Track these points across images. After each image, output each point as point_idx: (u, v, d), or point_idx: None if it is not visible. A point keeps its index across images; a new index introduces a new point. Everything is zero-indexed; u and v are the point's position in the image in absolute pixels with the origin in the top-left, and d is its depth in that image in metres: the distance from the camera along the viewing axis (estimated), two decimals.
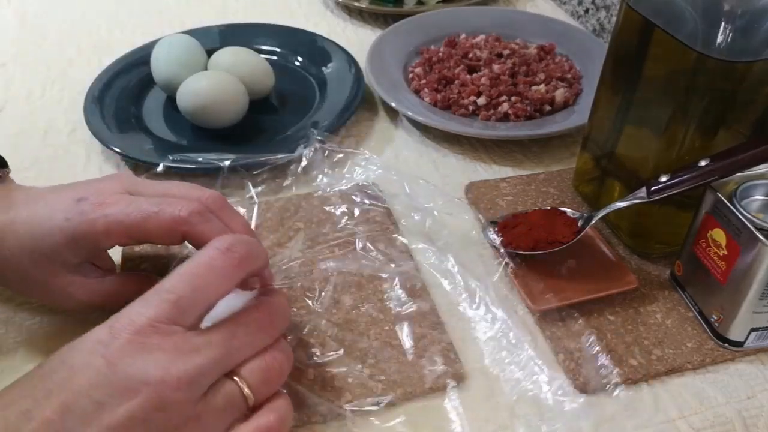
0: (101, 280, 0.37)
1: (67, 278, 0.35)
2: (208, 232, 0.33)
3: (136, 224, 0.33)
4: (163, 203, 0.34)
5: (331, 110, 0.57)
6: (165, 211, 0.33)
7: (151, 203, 0.34)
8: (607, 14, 0.72)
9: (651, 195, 0.39)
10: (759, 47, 0.35)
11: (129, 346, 0.27)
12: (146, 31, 0.73)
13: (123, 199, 0.34)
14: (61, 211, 0.34)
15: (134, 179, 0.37)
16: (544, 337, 0.40)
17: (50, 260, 0.35)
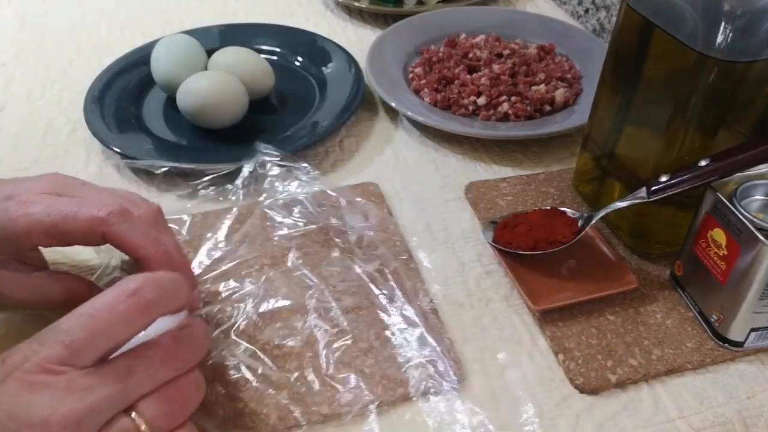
0: (28, 275, 0.36)
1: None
2: (127, 233, 0.32)
3: (54, 224, 0.32)
4: (83, 203, 0.32)
5: (331, 110, 0.57)
6: (83, 212, 0.32)
7: (72, 203, 0.33)
8: (607, 14, 0.72)
9: (651, 195, 0.39)
10: (759, 47, 0.35)
11: (16, 384, 0.26)
12: (146, 31, 0.73)
13: (47, 198, 0.33)
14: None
15: (67, 180, 0.35)
16: (544, 337, 0.40)
17: None
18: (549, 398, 0.37)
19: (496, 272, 0.44)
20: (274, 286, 0.41)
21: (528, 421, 0.36)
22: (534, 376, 0.38)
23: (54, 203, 0.33)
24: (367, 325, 0.40)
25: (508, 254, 0.43)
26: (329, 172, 0.53)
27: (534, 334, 0.40)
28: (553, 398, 0.37)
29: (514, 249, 0.43)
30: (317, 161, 0.54)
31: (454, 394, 0.37)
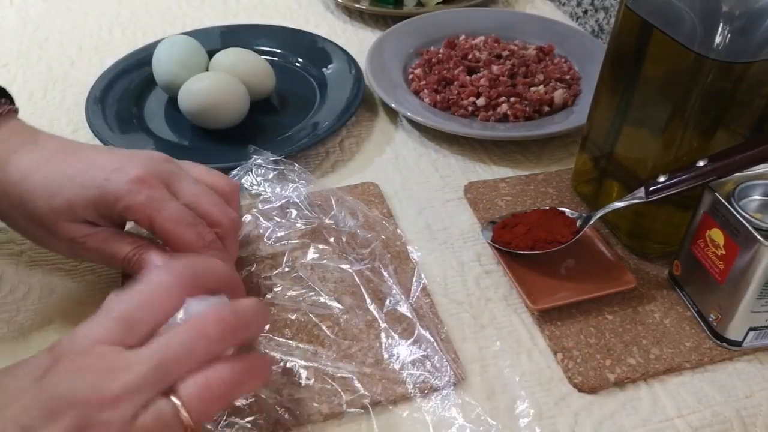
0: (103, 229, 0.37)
1: (74, 225, 0.36)
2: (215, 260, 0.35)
3: (165, 222, 0.35)
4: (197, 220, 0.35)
5: (332, 111, 0.58)
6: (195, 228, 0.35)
7: (188, 213, 0.35)
8: (606, 15, 0.73)
9: (649, 195, 0.40)
10: (757, 48, 0.36)
11: (63, 368, 0.26)
12: (148, 32, 0.74)
13: (164, 190, 0.35)
14: (100, 170, 0.35)
15: (171, 168, 0.37)
16: (543, 337, 0.40)
17: (69, 207, 0.35)
18: (548, 397, 0.37)
19: (495, 272, 0.44)
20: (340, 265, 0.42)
21: (527, 420, 0.36)
22: (533, 375, 0.38)
23: (173, 202, 0.35)
24: (366, 324, 0.40)
25: (507, 254, 0.43)
26: (329, 172, 0.54)
27: (533, 334, 0.40)
28: (552, 397, 0.37)
29: (513, 249, 0.43)
30: (318, 161, 0.55)
31: (453, 393, 0.37)
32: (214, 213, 0.37)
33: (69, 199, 0.35)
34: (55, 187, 0.35)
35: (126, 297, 0.29)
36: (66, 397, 0.26)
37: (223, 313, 0.29)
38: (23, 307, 0.42)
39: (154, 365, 0.27)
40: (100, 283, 0.43)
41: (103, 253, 0.37)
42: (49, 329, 0.40)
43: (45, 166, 0.36)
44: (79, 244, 0.37)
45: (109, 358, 0.27)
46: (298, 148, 0.53)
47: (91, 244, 0.36)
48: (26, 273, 0.44)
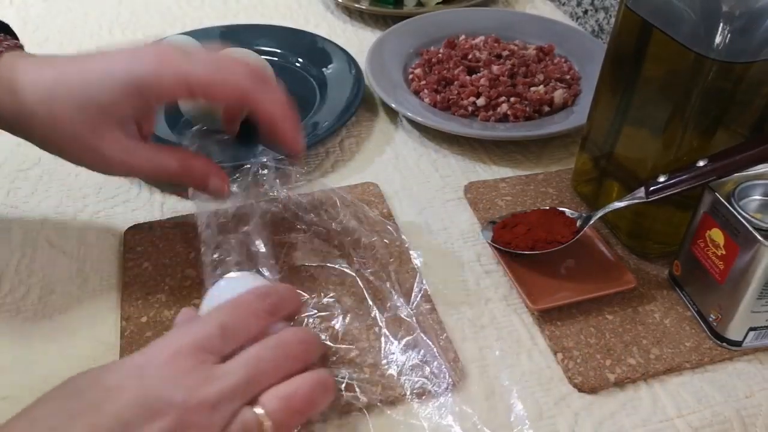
0: (144, 145, 0.37)
1: (114, 134, 0.35)
2: (266, 94, 0.36)
3: (201, 80, 0.35)
4: (227, 65, 0.35)
5: (332, 111, 0.58)
6: (228, 72, 0.35)
7: (215, 63, 0.35)
8: (606, 15, 0.73)
9: (649, 195, 0.40)
10: (757, 48, 0.36)
11: (162, 370, 0.28)
12: (148, 32, 0.74)
13: (188, 56, 0.35)
14: (123, 64, 0.35)
15: (184, 45, 0.38)
16: (543, 337, 0.40)
17: (102, 113, 0.35)
18: (548, 397, 0.37)
19: (495, 272, 0.44)
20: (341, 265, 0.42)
21: (527, 420, 0.36)
22: (533, 375, 0.38)
23: (199, 62, 0.35)
24: (365, 326, 0.40)
25: (507, 254, 0.43)
26: (329, 172, 0.54)
27: (533, 334, 0.40)
28: (551, 397, 0.37)
29: (513, 249, 0.43)
30: (318, 161, 0.55)
31: (450, 400, 0.37)
32: (228, 78, 0.36)
33: (101, 105, 0.34)
34: (84, 97, 0.34)
35: (224, 311, 0.31)
36: (167, 399, 0.27)
37: (305, 335, 0.33)
38: (23, 307, 0.42)
39: (247, 376, 0.29)
40: (100, 283, 0.43)
41: (148, 170, 0.37)
42: (49, 329, 0.40)
43: (66, 81, 0.35)
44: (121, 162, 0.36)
45: (205, 366, 0.29)
46: None
47: (135, 161, 0.36)
48: (26, 273, 0.44)
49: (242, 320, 0.31)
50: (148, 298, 0.41)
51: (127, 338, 0.39)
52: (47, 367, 0.38)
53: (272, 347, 0.31)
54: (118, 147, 0.35)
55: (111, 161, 0.36)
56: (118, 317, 0.41)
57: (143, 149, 0.37)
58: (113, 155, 0.36)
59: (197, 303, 0.40)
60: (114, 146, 0.35)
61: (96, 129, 0.35)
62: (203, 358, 0.29)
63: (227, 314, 0.31)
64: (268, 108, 0.36)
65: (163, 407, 0.27)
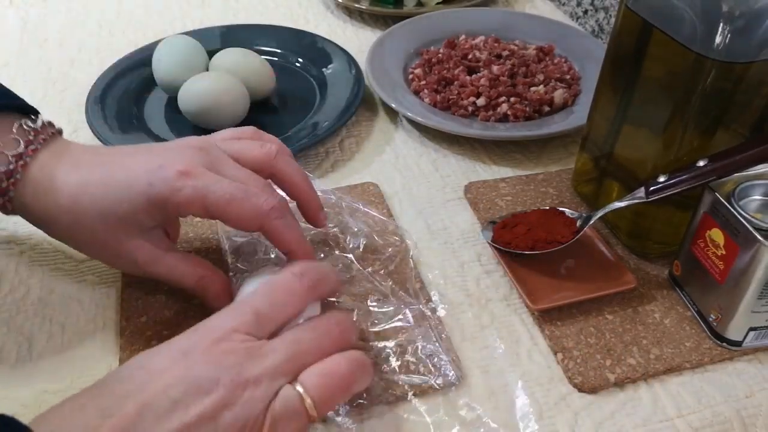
0: (166, 252, 0.37)
1: (136, 242, 0.36)
2: (284, 229, 0.36)
3: (219, 204, 0.34)
4: (250, 192, 0.35)
5: (332, 111, 0.58)
6: (250, 201, 0.35)
7: (237, 188, 0.35)
8: (606, 15, 0.73)
9: (649, 195, 0.40)
10: (757, 48, 0.36)
11: (206, 351, 0.29)
12: (148, 32, 0.74)
13: (209, 174, 0.35)
14: (143, 175, 0.35)
15: (209, 150, 0.37)
16: (543, 337, 0.40)
17: (124, 223, 0.35)
18: (548, 397, 0.37)
19: (495, 272, 0.44)
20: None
21: (527, 420, 0.36)
22: (533, 375, 0.38)
23: (220, 183, 0.35)
24: (366, 325, 0.40)
25: (508, 254, 0.43)
26: (329, 172, 0.54)
27: (533, 334, 0.40)
28: (551, 397, 0.37)
29: (513, 249, 0.43)
30: (318, 161, 0.55)
31: (453, 393, 0.37)
32: (267, 188, 0.37)
33: (121, 216, 0.35)
34: (105, 207, 0.35)
35: (260, 294, 0.32)
36: (214, 377, 0.28)
37: (343, 317, 0.34)
38: (23, 307, 0.42)
39: (288, 355, 0.30)
40: (100, 283, 0.43)
41: (168, 281, 0.38)
42: (49, 329, 0.40)
43: (90, 187, 0.35)
44: (143, 270, 0.37)
45: (249, 344, 0.30)
46: (298, 148, 0.53)
47: (155, 270, 0.37)
48: (26, 273, 0.44)
49: (279, 303, 0.32)
50: (148, 298, 0.41)
51: (127, 338, 0.39)
52: (47, 367, 0.38)
53: (311, 329, 0.32)
54: (140, 253, 0.36)
55: (133, 266, 0.37)
56: (118, 317, 0.41)
57: (165, 259, 0.37)
58: (135, 261, 0.36)
59: (197, 302, 0.40)
60: (136, 252, 0.36)
61: (118, 237, 0.36)
62: (244, 339, 0.30)
63: (262, 299, 0.32)
64: (284, 242, 0.36)
65: (209, 385, 0.28)
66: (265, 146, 0.39)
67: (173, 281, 0.38)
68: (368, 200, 0.49)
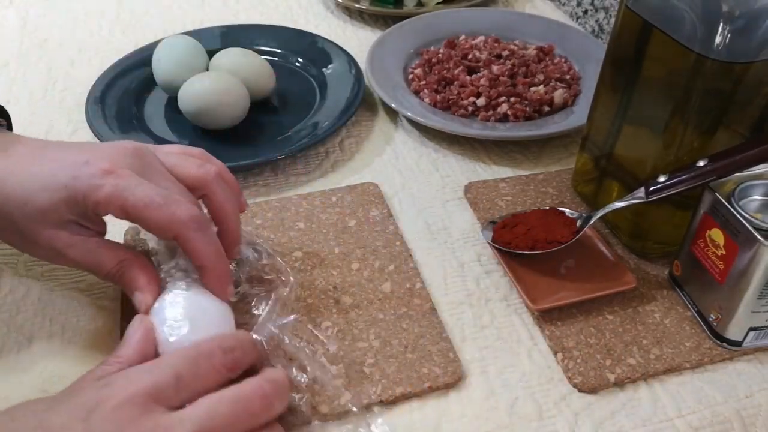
0: (86, 239, 0.36)
1: (53, 232, 0.35)
2: (198, 242, 0.34)
3: (137, 207, 0.33)
4: (170, 199, 0.34)
5: (332, 111, 0.58)
6: (168, 208, 0.34)
7: (159, 194, 0.34)
8: (606, 15, 0.73)
9: (649, 195, 0.40)
10: (757, 48, 0.36)
11: (108, 419, 0.27)
12: (148, 32, 0.74)
13: (133, 177, 0.34)
14: (68, 168, 0.34)
15: (146, 159, 0.36)
16: (543, 337, 0.40)
17: (42, 214, 0.34)
18: (548, 397, 0.37)
19: (495, 272, 0.44)
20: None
21: (527, 420, 0.36)
22: (533, 375, 0.38)
23: (141, 186, 0.34)
24: (366, 324, 0.40)
25: (508, 254, 0.43)
26: (329, 172, 0.54)
27: (533, 334, 0.40)
28: (551, 397, 0.37)
29: (513, 249, 0.43)
30: (318, 161, 0.55)
31: (454, 393, 0.37)
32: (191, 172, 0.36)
33: (40, 205, 0.34)
34: (25, 195, 0.34)
35: (181, 359, 0.30)
36: None
37: (270, 387, 0.30)
38: (23, 307, 0.42)
39: (194, 430, 0.28)
40: (100, 283, 0.43)
41: (85, 265, 0.36)
42: (49, 329, 0.40)
43: (14, 175, 0.35)
44: (60, 255, 0.36)
45: (154, 416, 0.28)
46: (298, 148, 0.53)
47: (72, 255, 0.36)
48: (26, 273, 0.44)
49: (200, 374, 0.30)
50: None
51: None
52: (48, 367, 0.38)
53: (228, 402, 0.29)
54: (56, 242, 0.35)
55: (49, 254, 0.36)
56: (118, 318, 0.41)
57: (83, 244, 0.36)
58: (53, 247, 0.36)
59: None
60: (52, 241, 0.35)
61: (35, 226, 0.35)
62: (152, 408, 0.28)
63: (185, 364, 0.30)
64: (198, 256, 0.35)
65: None
66: (204, 166, 0.38)
67: (91, 266, 0.36)
68: (368, 200, 0.49)
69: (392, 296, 0.42)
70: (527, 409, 0.36)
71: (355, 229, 0.47)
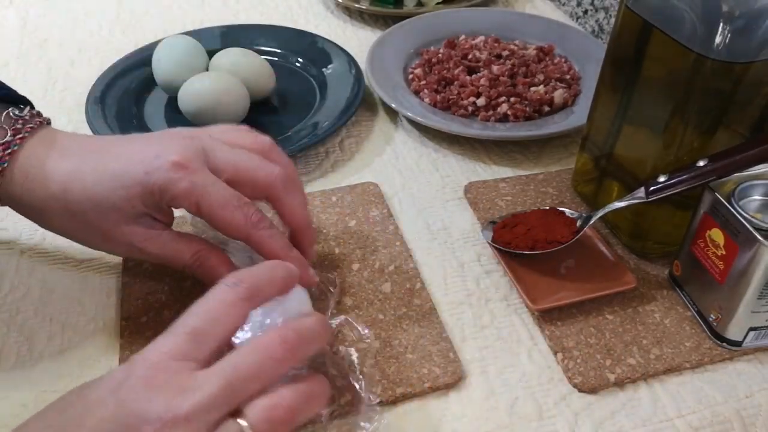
0: (159, 232, 0.37)
1: (129, 228, 0.36)
2: (267, 241, 0.36)
3: (212, 206, 0.34)
4: (242, 203, 0.35)
5: (332, 111, 0.58)
6: (241, 210, 0.35)
7: (233, 194, 0.35)
8: (606, 15, 0.73)
9: (649, 195, 0.40)
10: (757, 48, 0.36)
11: (139, 384, 0.27)
12: (148, 32, 0.74)
13: (206, 173, 0.35)
14: (139, 163, 0.35)
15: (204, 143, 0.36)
16: (543, 337, 0.40)
17: (116, 209, 0.35)
18: (548, 397, 0.37)
19: (495, 272, 0.44)
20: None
21: (527, 420, 0.36)
22: (533, 375, 0.38)
23: (216, 185, 0.35)
24: (366, 324, 0.40)
25: (508, 254, 0.43)
26: (329, 172, 0.54)
27: (533, 334, 0.40)
28: (552, 397, 0.37)
29: (513, 249, 0.43)
30: (318, 161, 0.55)
31: (454, 393, 0.37)
32: (259, 175, 0.37)
33: (115, 203, 0.35)
34: (98, 195, 0.35)
35: (193, 313, 0.30)
36: (141, 415, 0.26)
37: (286, 333, 0.30)
38: (23, 307, 0.42)
39: (222, 385, 0.27)
40: (101, 284, 0.43)
41: (163, 257, 0.37)
42: (49, 329, 0.40)
43: (84, 174, 0.35)
44: (138, 249, 0.36)
45: (180, 376, 0.27)
46: (298, 148, 0.53)
47: (150, 249, 0.36)
48: (26, 273, 0.44)
49: (214, 318, 0.30)
50: (148, 298, 0.41)
51: (127, 338, 0.39)
52: (47, 367, 0.38)
53: (252, 350, 0.29)
54: (132, 237, 0.36)
55: (127, 248, 0.37)
56: (118, 317, 0.41)
57: (159, 237, 0.37)
58: (130, 242, 0.36)
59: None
60: (130, 235, 0.36)
61: (110, 222, 0.35)
62: (178, 367, 0.28)
63: (196, 316, 0.30)
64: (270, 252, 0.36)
65: (138, 423, 0.26)
66: (258, 137, 0.39)
67: (169, 258, 0.37)
68: (368, 200, 0.49)
69: (392, 296, 0.42)
70: (527, 409, 0.36)
71: (355, 229, 0.47)
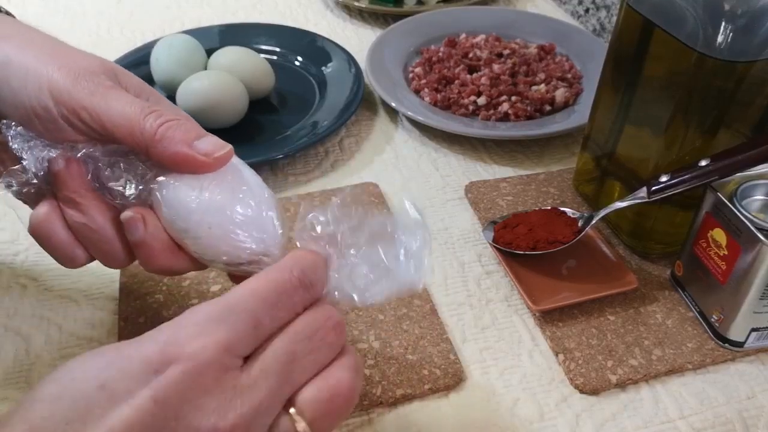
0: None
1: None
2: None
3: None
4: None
5: (331, 110, 0.57)
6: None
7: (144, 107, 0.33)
8: (608, 14, 0.72)
9: (651, 195, 0.39)
10: (759, 47, 0.35)
11: (181, 382, 0.23)
12: (146, 30, 0.73)
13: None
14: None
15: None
16: (545, 337, 0.40)
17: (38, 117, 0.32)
18: (549, 398, 0.37)
19: (496, 272, 0.44)
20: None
21: (528, 422, 0.35)
22: (534, 376, 0.38)
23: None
24: (366, 325, 0.40)
25: (508, 254, 0.43)
26: (329, 172, 0.53)
27: (534, 334, 0.40)
28: (553, 398, 0.37)
29: (514, 249, 0.43)
30: (317, 161, 0.54)
31: (454, 394, 0.37)
32: None
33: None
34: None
35: (263, 302, 0.26)
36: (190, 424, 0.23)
37: (337, 316, 0.27)
38: (20, 308, 0.41)
39: (279, 381, 0.25)
40: (98, 284, 0.43)
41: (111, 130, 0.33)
42: (46, 330, 0.40)
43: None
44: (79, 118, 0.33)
45: (231, 374, 0.24)
46: (297, 148, 0.53)
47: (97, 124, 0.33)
48: (24, 273, 0.44)
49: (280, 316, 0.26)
50: (146, 299, 0.41)
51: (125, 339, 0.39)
52: (45, 367, 0.38)
53: (306, 339, 0.26)
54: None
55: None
56: (115, 318, 0.41)
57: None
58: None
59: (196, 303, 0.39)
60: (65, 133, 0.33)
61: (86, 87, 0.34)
62: (227, 365, 0.24)
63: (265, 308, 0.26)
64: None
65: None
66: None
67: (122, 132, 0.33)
68: (368, 200, 0.49)
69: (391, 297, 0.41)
70: (528, 410, 0.36)
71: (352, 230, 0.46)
